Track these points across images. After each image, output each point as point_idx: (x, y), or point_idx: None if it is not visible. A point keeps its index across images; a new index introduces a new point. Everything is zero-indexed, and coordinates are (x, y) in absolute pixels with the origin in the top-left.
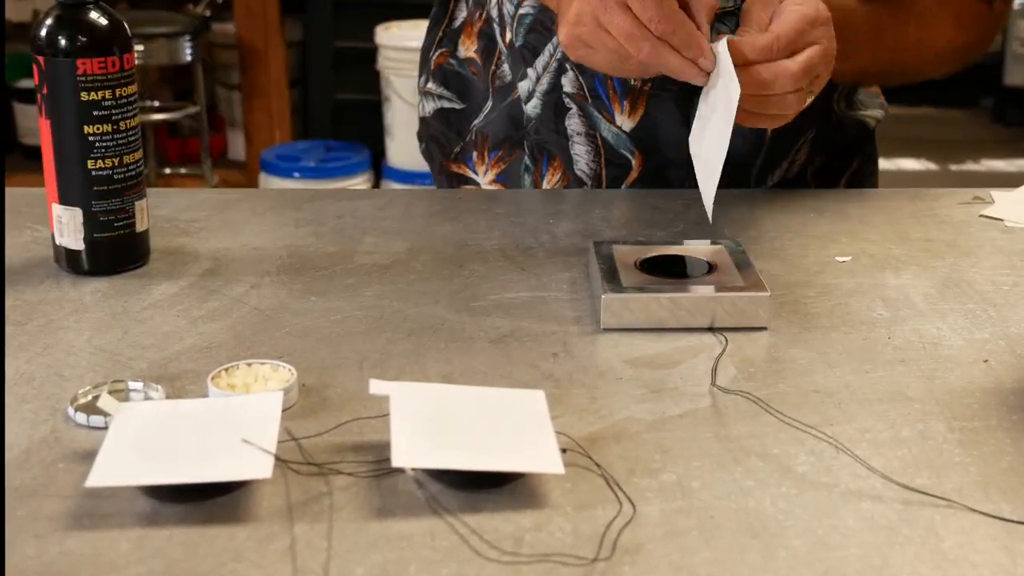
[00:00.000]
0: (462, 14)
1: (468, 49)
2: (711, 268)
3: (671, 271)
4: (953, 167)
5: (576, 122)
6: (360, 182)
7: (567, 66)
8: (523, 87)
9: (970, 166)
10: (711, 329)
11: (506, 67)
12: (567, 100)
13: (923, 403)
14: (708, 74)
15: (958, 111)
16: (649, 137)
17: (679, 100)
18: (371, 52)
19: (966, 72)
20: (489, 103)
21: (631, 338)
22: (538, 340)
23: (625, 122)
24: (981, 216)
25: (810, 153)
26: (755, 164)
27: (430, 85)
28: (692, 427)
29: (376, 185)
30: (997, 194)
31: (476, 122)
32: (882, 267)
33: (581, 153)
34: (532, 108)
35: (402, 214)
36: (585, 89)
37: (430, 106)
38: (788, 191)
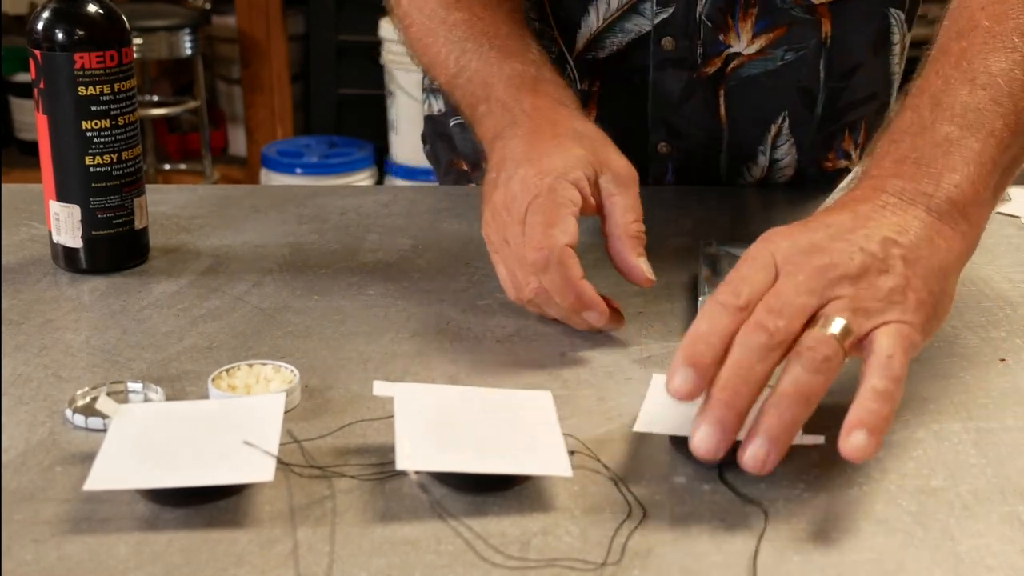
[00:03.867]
0: None
1: None
2: None
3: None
4: None
5: None
6: (363, 178)
7: None
8: None
9: None
10: None
11: None
12: None
13: (938, 403)
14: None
15: None
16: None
17: (636, 95)
18: (375, 46)
19: None
20: None
21: (640, 337)
22: (545, 339)
23: None
24: (997, 213)
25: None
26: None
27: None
28: None
29: (380, 181)
30: (1014, 191)
31: None
32: None
33: None
34: None
35: (406, 211)
36: None
37: (442, 103)
38: (797, 190)
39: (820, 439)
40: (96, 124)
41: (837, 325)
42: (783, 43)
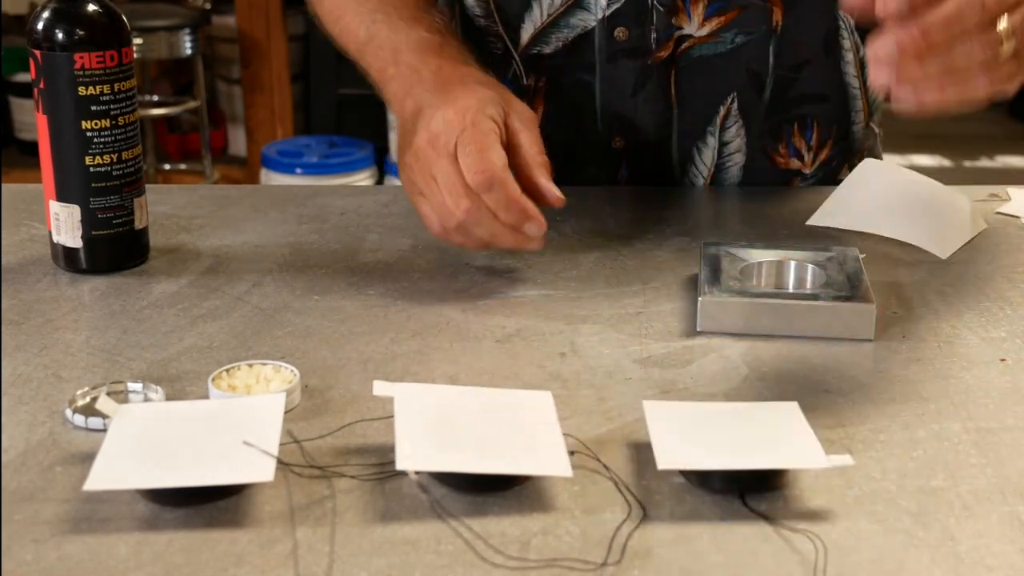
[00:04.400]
0: None
1: None
2: (819, 276)
3: (777, 277)
4: (968, 163)
5: None
6: (363, 178)
7: None
8: None
9: (985, 162)
10: (813, 339)
11: None
12: None
13: (938, 403)
14: (537, 239)
15: None
16: (556, 132)
17: (583, 92)
18: None
19: None
20: None
21: (640, 337)
22: (545, 339)
23: None
24: (997, 213)
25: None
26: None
27: None
28: None
29: (380, 181)
30: (1013, 191)
31: None
32: (896, 264)
33: None
34: None
35: (406, 211)
36: None
37: None
38: (798, 188)
39: (848, 460)
40: (96, 124)
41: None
42: (734, 26)
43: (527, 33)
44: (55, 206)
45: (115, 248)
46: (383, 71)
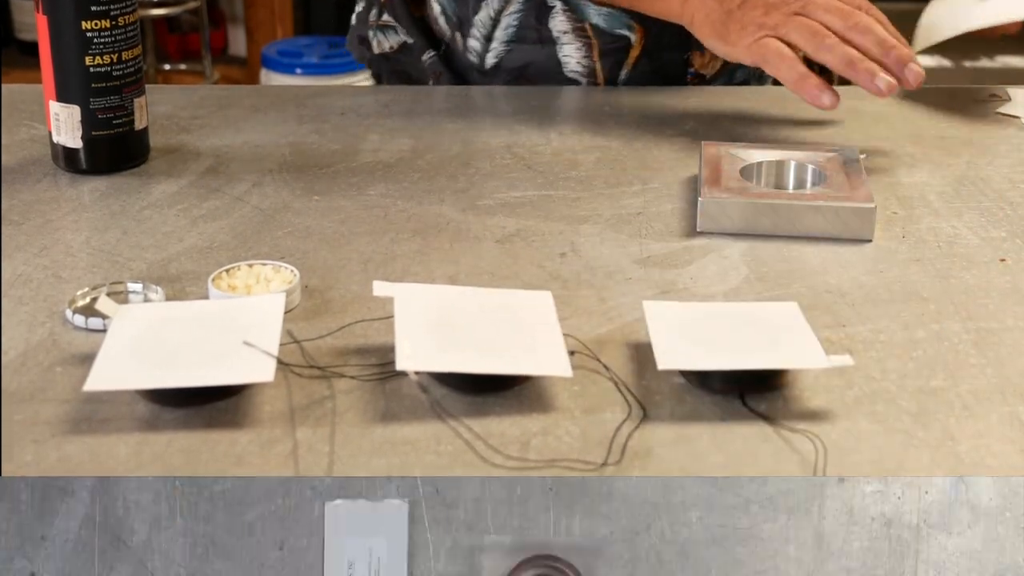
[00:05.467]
0: None
1: None
2: (819, 176)
3: (777, 177)
4: (968, 63)
5: (561, 20)
6: (363, 79)
7: None
8: (477, 31)
9: (985, 63)
10: (813, 239)
11: (442, 23)
12: None
13: (938, 303)
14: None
15: None
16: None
17: None
18: None
19: None
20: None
21: (640, 237)
22: (545, 240)
23: None
24: (997, 113)
25: None
26: None
27: (385, 17)
28: None
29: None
30: (1014, 91)
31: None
32: (896, 165)
33: (570, 52)
34: (500, 41)
35: (406, 111)
36: None
37: (394, 40)
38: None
39: (848, 360)
40: (96, 24)
41: None
42: None
43: None
44: (55, 106)
45: (115, 148)
46: None
